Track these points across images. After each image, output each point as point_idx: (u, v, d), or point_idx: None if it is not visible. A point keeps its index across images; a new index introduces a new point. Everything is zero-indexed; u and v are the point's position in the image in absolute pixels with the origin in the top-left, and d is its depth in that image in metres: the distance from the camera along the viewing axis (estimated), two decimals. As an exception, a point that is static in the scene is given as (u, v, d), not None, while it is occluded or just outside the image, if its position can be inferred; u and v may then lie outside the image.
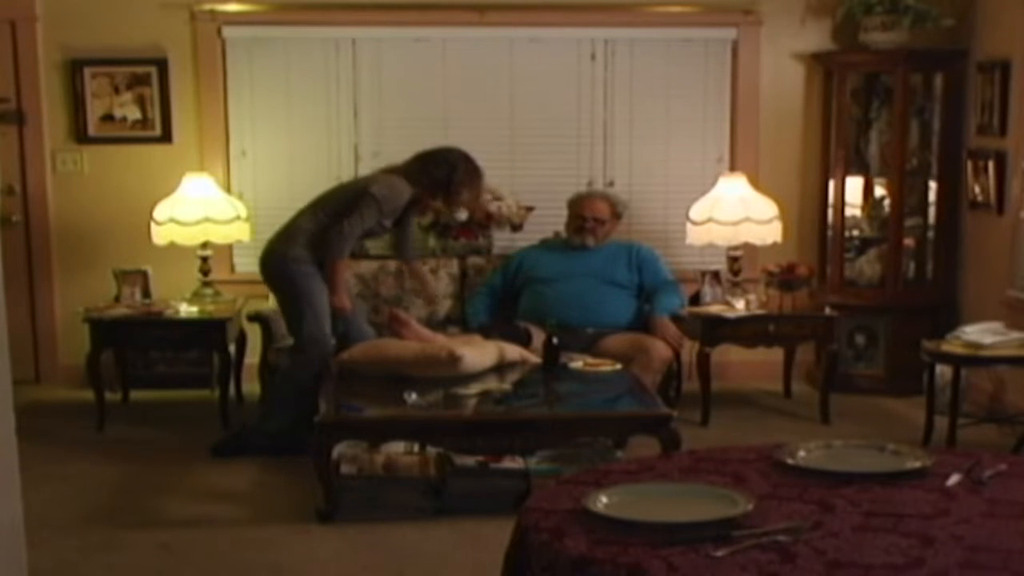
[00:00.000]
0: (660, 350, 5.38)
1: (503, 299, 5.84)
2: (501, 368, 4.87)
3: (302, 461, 4.52)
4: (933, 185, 6.33)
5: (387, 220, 5.22)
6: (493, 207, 6.03)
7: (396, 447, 4.61)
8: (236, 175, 6.31)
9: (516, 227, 6.16)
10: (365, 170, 6.01)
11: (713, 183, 6.12)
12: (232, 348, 5.75)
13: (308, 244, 5.10)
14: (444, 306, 6.00)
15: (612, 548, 2.16)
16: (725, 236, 5.94)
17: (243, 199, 6.14)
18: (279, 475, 4.85)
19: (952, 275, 6.35)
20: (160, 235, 5.85)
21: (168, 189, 5.93)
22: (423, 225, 6.06)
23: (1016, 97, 5.72)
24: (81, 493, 4.69)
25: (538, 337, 5.19)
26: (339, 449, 4.43)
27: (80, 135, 6.24)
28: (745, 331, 5.72)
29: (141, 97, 6.23)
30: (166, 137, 6.25)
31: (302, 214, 5.23)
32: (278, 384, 5.22)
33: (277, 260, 5.15)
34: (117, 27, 6.16)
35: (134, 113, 6.24)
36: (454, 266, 6.04)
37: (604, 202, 5.83)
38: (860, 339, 6.32)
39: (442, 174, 5.23)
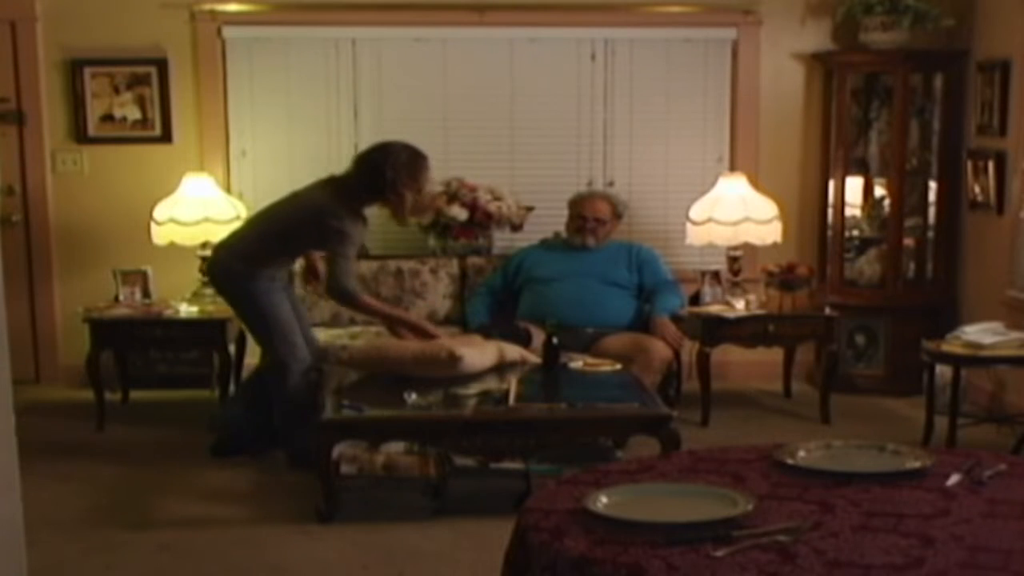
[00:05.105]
0: (660, 350, 5.38)
1: (503, 299, 5.84)
2: (501, 368, 4.86)
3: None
4: (933, 185, 6.33)
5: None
6: (493, 207, 6.03)
7: (396, 447, 4.60)
8: (236, 175, 6.32)
9: (516, 227, 6.16)
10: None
11: (713, 183, 6.12)
12: (232, 348, 5.75)
13: (257, 259, 4.90)
14: (444, 306, 6.01)
15: (612, 548, 2.16)
16: (725, 236, 5.93)
17: (243, 199, 6.14)
18: (279, 475, 4.85)
19: (952, 275, 6.35)
20: (160, 235, 5.85)
21: (168, 189, 5.93)
22: (423, 225, 6.06)
23: (1016, 97, 5.72)
24: (81, 493, 4.69)
25: (538, 337, 5.19)
26: (339, 449, 4.42)
27: (80, 135, 6.24)
28: (745, 331, 5.72)
29: (141, 97, 6.24)
30: (166, 137, 6.25)
31: (250, 226, 5.12)
32: (279, 409, 5.00)
33: (231, 277, 4.96)
34: (117, 27, 6.16)
35: (134, 113, 6.25)
36: (454, 266, 6.05)
37: (604, 202, 5.83)
38: (860, 339, 6.32)
39: (376, 183, 4.89)
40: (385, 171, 4.87)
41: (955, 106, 6.23)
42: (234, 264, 4.95)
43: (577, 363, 4.99)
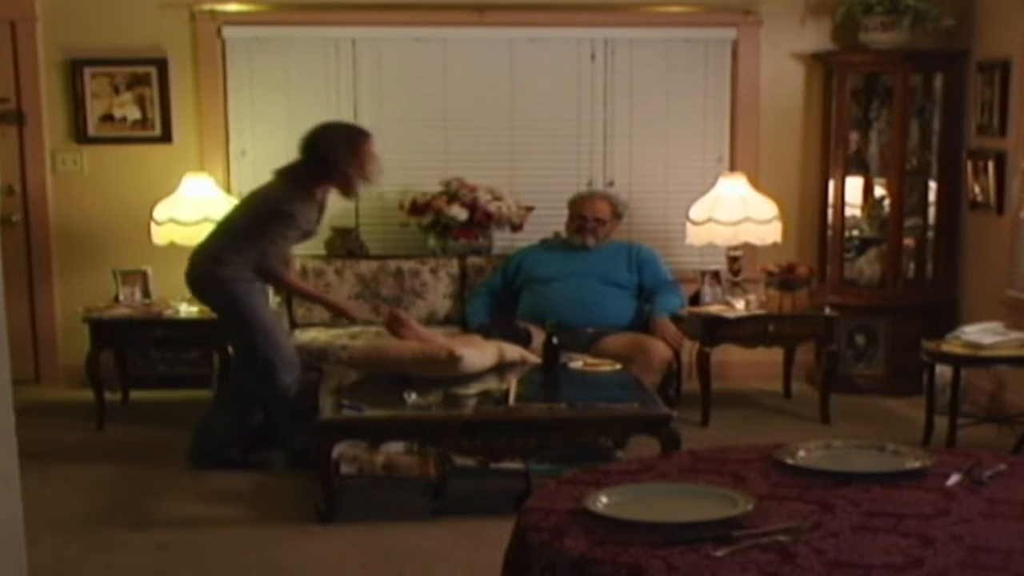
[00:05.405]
0: (660, 350, 5.38)
1: (503, 299, 5.85)
2: (501, 368, 4.86)
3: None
4: (933, 185, 6.33)
5: (312, 227, 5.02)
6: (493, 207, 6.03)
7: (396, 447, 4.61)
8: (236, 175, 6.31)
9: (516, 227, 6.16)
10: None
11: (713, 183, 6.12)
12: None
13: (231, 262, 4.88)
14: (444, 306, 6.01)
15: (612, 548, 2.15)
16: (725, 236, 5.93)
17: (243, 199, 6.14)
18: (279, 475, 4.86)
19: (952, 275, 6.35)
20: (160, 235, 5.86)
21: (168, 189, 5.93)
22: (423, 225, 6.06)
23: (1016, 97, 5.72)
24: (81, 493, 4.69)
25: (538, 337, 5.19)
26: (339, 449, 4.42)
27: (80, 135, 6.24)
28: (745, 331, 5.72)
29: (141, 97, 6.24)
30: (166, 137, 6.25)
31: (221, 226, 5.11)
32: (273, 409, 4.99)
33: (209, 283, 4.95)
34: (117, 27, 6.16)
35: (134, 113, 6.25)
36: (454, 266, 6.05)
37: (605, 202, 5.83)
38: (860, 339, 6.32)
39: (320, 165, 4.91)
40: (326, 153, 4.89)
41: (955, 106, 6.23)
42: (210, 269, 4.93)
43: (577, 363, 4.99)
